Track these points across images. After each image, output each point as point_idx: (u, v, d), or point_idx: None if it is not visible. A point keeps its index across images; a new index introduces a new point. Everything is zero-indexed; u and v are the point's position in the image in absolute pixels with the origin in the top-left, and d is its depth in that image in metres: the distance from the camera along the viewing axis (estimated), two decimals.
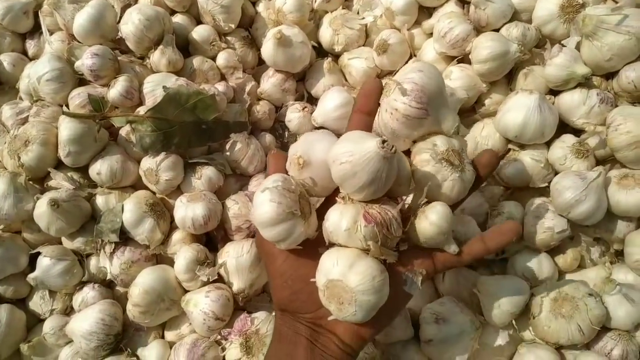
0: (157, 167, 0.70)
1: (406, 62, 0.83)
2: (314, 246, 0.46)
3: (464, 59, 0.76)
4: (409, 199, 0.45)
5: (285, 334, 0.47)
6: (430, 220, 0.45)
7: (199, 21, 0.86)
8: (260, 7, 0.88)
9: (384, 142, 0.40)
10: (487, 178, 0.52)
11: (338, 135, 0.47)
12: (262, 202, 0.43)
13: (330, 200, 0.48)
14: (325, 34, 0.85)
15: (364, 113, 0.47)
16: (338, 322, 0.45)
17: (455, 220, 0.47)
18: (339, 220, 0.42)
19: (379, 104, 0.48)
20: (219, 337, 0.66)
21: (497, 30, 0.74)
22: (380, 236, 0.41)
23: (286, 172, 0.48)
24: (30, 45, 0.88)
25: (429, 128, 0.47)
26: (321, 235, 0.46)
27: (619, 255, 0.69)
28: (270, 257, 0.48)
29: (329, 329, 0.46)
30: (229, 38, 0.84)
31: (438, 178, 0.46)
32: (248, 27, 0.88)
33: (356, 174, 0.41)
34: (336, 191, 0.48)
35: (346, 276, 0.41)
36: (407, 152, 0.50)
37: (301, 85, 0.88)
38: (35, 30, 0.88)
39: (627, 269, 0.66)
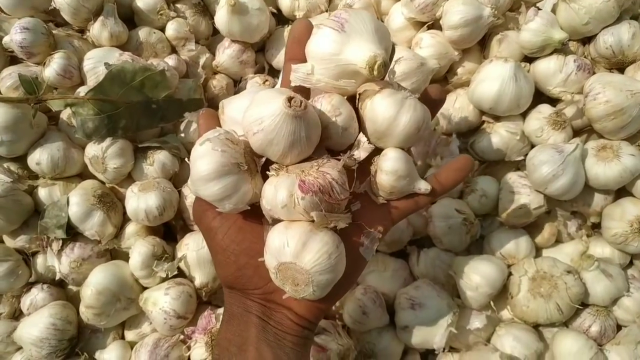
0: (103, 154, 0.64)
1: None
2: (256, 216, 0.42)
3: (434, 25, 0.71)
4: (350, 153, 0.41)
5: (235, 313, 0.44)
6: (385, 169, 0.41)
7: None
8: None
9: (290, 99, 0.36)
10: (437, 112, 0.48)
11: None
12: (203, 154, 0.38)
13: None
14: None
15: (297, 60, 0.42)
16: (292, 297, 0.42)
17: (411, 160, 0.43)
18: (274, 195, 0.38)
19: None
20: (182, 336, 0.62)
21: None
22: (323, 204, 0.37)
23: None
24: None
25: (346, 58, 0.39)
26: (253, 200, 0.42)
27: (596, 228, 0.67)
28: (210, 231, 0.43)
29: (282, 303, 0.43)
30: (178, 6, 0.77)
31: (395, 107, 0.40)
32: None
33: (272, 141, 0.38)
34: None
35: (299, 257, 0.37)
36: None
37: (261, 56, 0.82)
38: None
39: (604, 243, 0.64)
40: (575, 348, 0.58)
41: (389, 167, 0.41)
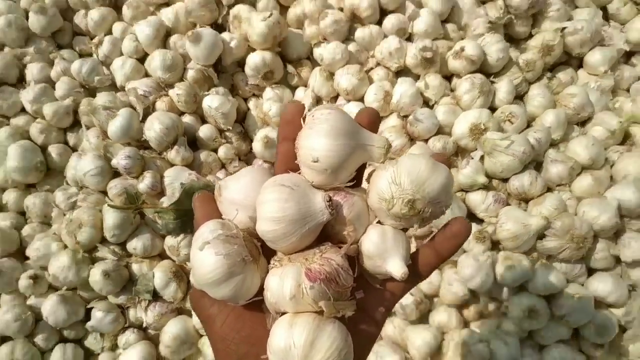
0: (177, 244, 0.97)
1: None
2: (255, 300, 0.40)
3: None
4: (351, 239, 0.40)
5: None
6: (365, 252, 0.40)
7: (203, 119, 1.10)
8: (251, 105, 1.12)
9: (330, 200, 0.37)
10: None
11: None
12: (205, 260, 0.37)
13: None
14: None
15: (291, 140, 0.42)
16: None
17: (399, 239, 0.40)
18: (280, 287, 0.36)
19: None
20: None
21: (426, 141, 1.00)
22: (330, 292, 0.36)
23: (219, 215, 0.43)
24: (71, 137, 1.11)
25: (363, 138, 0.40)
26: (260, 287, 0.40)
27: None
28: (209, 320, 0.42)
29: None
30: (227, 134, 1.09)
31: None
32: (242, 122, 1.13)
33: (286, 237, 0.38)
34: None
35: (309, 358, 0.35)
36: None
37: None
38: (74, 125, 1.12)
39: (509, 322, 0.94)
40: None
41: (361, 247, 0.40)
